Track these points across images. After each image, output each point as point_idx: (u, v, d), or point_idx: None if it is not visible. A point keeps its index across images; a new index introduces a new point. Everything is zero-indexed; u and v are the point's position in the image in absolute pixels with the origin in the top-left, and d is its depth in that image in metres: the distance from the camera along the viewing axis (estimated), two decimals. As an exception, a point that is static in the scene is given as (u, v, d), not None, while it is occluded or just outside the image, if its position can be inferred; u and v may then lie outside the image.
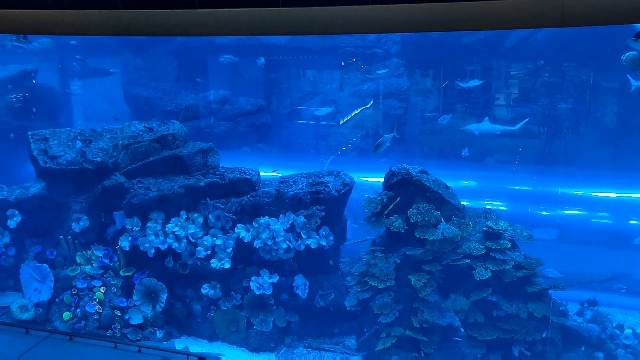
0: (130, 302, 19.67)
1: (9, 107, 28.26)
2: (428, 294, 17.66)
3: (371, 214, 18.77)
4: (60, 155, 20.63)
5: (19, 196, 20.79)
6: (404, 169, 18.70)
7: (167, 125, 21.78)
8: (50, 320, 19.78)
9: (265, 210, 19.81)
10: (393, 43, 28.81)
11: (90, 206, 20.69)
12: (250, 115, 30.04)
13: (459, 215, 18.53)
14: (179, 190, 19.97)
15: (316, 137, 30.62)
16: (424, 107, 30.48)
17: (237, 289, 19.67)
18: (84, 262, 20.24)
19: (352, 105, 29.53)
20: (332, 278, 19.89)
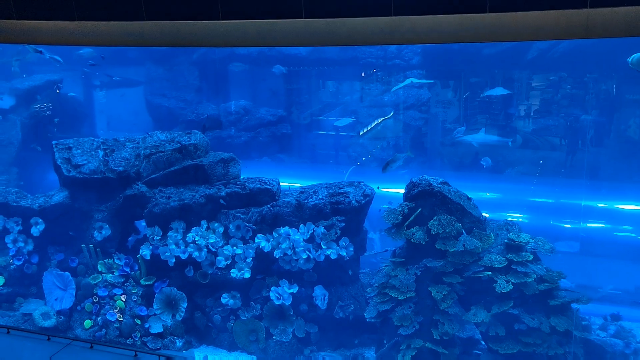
0: (150, 311, 19.74)
1: (33, 116, 28.67)
2: (449, 306, 17.53)
3: (392, 225, 18.73)
4: (83, 164, 20.85)
5: (42, 204, 21.05)
6: (425, 180, 18.65)
7: (188, 135, 21.93)
8: (71, 327, 19.92)
9: (285, 220, 19.82)
10: (414, 54, 28.84)
11: (112, 215, 20.86)
12: (271, 126, 30.18)
13: (480, 227, 18.41)
14: (200, 200, 20.06)
15: (336, 147, 30.66)
16: (444, 118, 30.41)
17: (257, 299, 19.67)
18: (105, 270, 20.38)
19: (372, 116, 29.55)
20: (352, 289, 19.82)
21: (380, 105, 29.23)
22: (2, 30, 13.36)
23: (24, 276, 21.11)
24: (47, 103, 28.96)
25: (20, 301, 20.84)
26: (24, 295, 21.05)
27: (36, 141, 27.48)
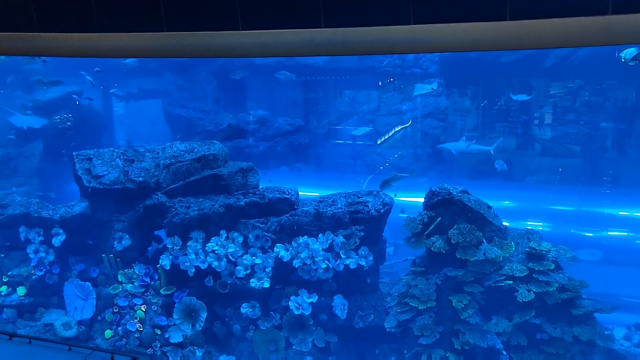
0: (170, 321, 19.78)
1: (53, 127, 28.97)
2: (469, 316, 17.42)
3: (411, 234, 18.67)
4: (103, 174, 21.01)
5: (63, 215, 21.22)
6: (445, 188, 18.58)
7: (207, 145, 22.04)
8: (92, 337, 20.00)
9: (304, 229, 19.81)
10: (432, 62, 28.81)
11: (132, 225, 20.97)
12: (289, 135, 30.24)
13: (500, 235, 18.29)
14: (219, 210, 20.12)
15: (354, 156, 30.65)
16: (462, 127, 30.31)
17: (276, 309, 19.65)
18: (125, 280, 20.47)
19: (389, 124, 29.52)
20: (372, 298, 19.74)
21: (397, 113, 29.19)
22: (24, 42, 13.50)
23: (45, 286, 21.24)
24: (68, 114, 29.26)
25: (42, 311, 20.96)
26: (45, 306, 21.16)
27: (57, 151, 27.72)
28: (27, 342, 14.68)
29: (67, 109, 29.53)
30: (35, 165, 27.73)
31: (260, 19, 12.17)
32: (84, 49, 13.35)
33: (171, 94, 31.39)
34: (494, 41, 11.09)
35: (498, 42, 11.21)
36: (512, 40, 10.91)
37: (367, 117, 30.87)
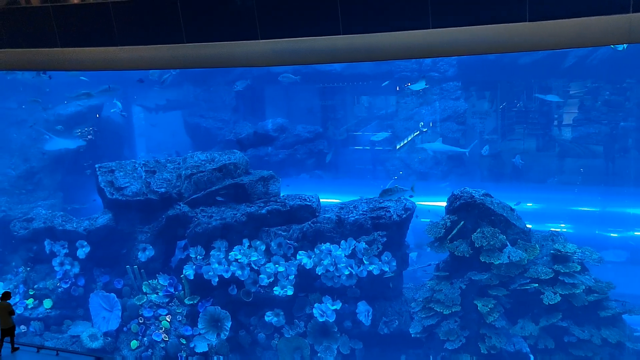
0: (195, 330, 19.85)
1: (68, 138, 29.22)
2: (495, 320, 17.29)
3: (434, 239, 18.60)
4: (126, 186, 21.18)
5: (87, 227, 21.41)
6: (467, 192, 18.49)
7: (228, 155, 22.14)
8: (118, 348, 20.12)
9: (326, 236, 19.81)
10: (449, 66, 28.71)
11: (155, 236, 21.10)
12: (308, 143, 30.26)
13: (524, 238, 18.15)
14: (241, 219, 20.18)
15: (374, 162, 30.60)
16: (482, 129, 30.14)
17: (300, 316, 19.64)
18: (150, 291, 20.58)
19: (408, 129, 29.44)
20: (396, 304, 19.66)
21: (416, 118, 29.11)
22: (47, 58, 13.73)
23: (71, 298, 21.43)
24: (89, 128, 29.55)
25: (68, 323, 21.15)
26: (72, 317, 21.35)
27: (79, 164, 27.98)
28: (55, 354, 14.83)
29: (90, 122, 29.82)
30: (59, 178, 28.02)
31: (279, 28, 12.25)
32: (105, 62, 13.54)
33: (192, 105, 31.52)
34: (513, 43, 11.06)
35: (518, 44, 11.18)
36: (532, 41, 10.87)
37: (385, 122, 30.80)
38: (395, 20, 11.59)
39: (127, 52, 12.89)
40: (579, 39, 10.82)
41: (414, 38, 11.54)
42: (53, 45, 13.38)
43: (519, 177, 27.57)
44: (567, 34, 10.56)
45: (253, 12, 12.16)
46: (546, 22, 10.53)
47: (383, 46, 11.78)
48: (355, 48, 12.03)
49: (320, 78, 30.14)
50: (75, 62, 13.66)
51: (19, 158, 28.33)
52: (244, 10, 12.24)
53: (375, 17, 11.72)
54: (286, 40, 12.25)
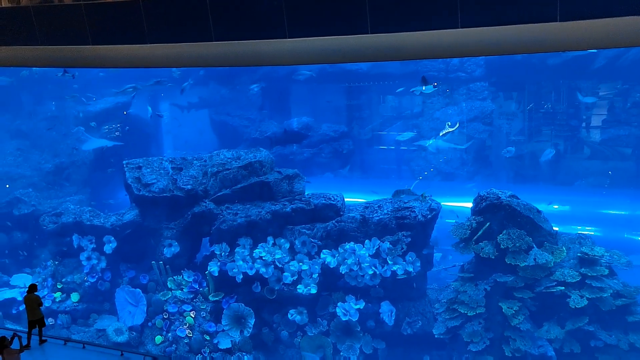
0: (219, 327, 19.96)
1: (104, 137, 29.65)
2: (520, 322, 17.15)
3: (459, 240, 18.50)
4: (152, 182, 21.40)
5: (114, 223, 21.67)
6: (493, 193, 18.37)
7: (254, 153, 22.25)
8: (143, 343, 20.33)
9: (350, 235, 19.81)
10: (477, 66, 28.50)
11: (181, 232, 21.29)
12: (333, 142, 30.27)
13: (551, 240, 17.97)
14: (266, 216, 20.27)
15: (398, 161, 30.49)
16: (508, 130, 29.87)
17: (324, 315, 19.67)
18: (174, 287, 20.76)
19: (434, 129, 29.28)
20: (420, 305, 19.59)
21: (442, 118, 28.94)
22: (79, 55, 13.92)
23: (98, 293, 21.71)
24: (117, 124, 29.90)
25: (95, 317, 21.41)
26: (98, 312, 21.61)
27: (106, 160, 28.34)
28: (81, 347, 15.04)
29: (117, 119, 30.18)
30: (87, 174, 28.40)
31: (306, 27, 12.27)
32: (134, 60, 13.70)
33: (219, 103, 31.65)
34: (543, 43, 10.96)
35: (548, 44, 11.07)
36: (562, 41, 10.76)
37: (411, 122, 30.67)
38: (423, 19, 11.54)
39: (157, 50, 13.02)
40: (611, 40, 10.69)
41: (442, 37, 11.48)
42: (85, 43, 13.56)
43: (546, 178, 27.29)
44: (599, 34, 10.42)
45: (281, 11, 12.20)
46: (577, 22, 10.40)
47: (411, 45, 11.75)
48: (383, 47, 12.01)
49: (346, 77, 30.12)
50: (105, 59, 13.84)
51: (49, 153, 28.79)
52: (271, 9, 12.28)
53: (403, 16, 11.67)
54: (313, 39, 12.26)
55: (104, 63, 14.05)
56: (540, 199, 20.98)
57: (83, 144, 28.45)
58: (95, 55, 13.82)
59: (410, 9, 11.52)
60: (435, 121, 29.35)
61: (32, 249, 24.86)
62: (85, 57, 13.87)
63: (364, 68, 29.87)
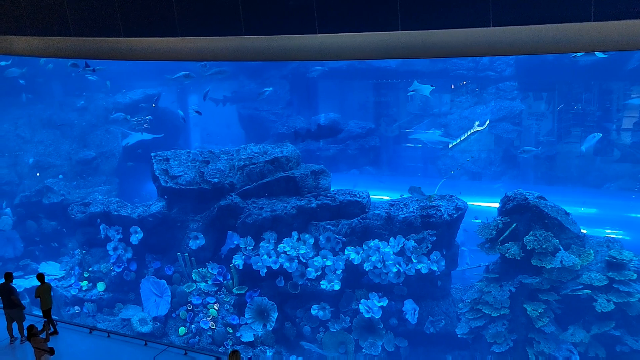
0: (242, 320, 20.09)
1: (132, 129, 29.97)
2: (545, 325, 16.98)
3: (485, 240, 18.37)
4: (180, 175, 21.58)
5: (141, 214, 21.89)
6: (521, 194, 18.19)
7: (280, 147, 22.31)
8: (166, 334, 20.55)
9: (375, 233, 19.78)
10: (507, 65, 28.20)
11: (207, 225, 21.43)
12: (360, 138, 30.19)
13: (579, 243, 17.75)
14: (291, 211, 20.32)
15: (425, 160, 30.32)
16: (537, 131, 29.53)
17: (346, 311, 19.68)
18: (199, 279, 20.94)
19: (462, 128, 29.05)
20: (443, 304, 19.50)
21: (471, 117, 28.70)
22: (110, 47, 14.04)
23: (123, 283, 21.98)
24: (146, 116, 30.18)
25: (120, 307, 21.70)
26: (123, 301, 21.90)
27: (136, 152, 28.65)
28: (106, 336, 15.25)
29: (146, 110, 30.46)
30: (115, 165, 28.74)
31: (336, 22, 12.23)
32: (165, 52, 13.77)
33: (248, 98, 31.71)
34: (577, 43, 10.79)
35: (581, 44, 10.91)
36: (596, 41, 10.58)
37: (438, 120, 30.46)
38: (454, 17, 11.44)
39: (188, 43, 13.07)
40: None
41: (474, 36, 11.36)
42: (116, 35, 13.68)
43: (575, 180, 26.94)
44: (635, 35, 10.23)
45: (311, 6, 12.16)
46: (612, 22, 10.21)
47: (441, 43, 11.64)
48: (413, 44, 11.92)
49: (375, 74, 30.02)
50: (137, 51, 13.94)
51: (79, 144, 29.19)
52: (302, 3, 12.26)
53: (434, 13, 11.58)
54: (343, 34, 12.22)
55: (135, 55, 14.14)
56: (567, 200, 20.71)
57: (123, 139, 28.80)
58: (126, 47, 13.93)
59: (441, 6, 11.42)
60: (463, 120, 29.10)
61: (61, 238, 25.27)
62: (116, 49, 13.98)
63: (392, 65, 29.72)
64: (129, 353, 14.74)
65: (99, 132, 29.50)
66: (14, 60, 29.35)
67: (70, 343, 14.37)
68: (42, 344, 12.05)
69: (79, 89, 30.94)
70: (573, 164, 27.55)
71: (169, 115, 31.38)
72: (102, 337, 15.17)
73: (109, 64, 27.00)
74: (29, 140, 29.41)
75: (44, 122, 29.93)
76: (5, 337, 13.89)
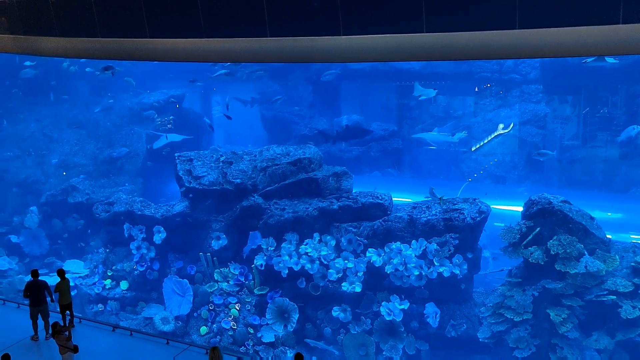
0: (263, 320, 20.14)
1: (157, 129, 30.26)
2: (568, 330, 16.80)
3: (508, 244, 18.23)
4: (203, 175, 21.72)
5: (164, 213, 22.06)
6: (545, 198, 18.03)
7: (303, 149, 22.35)
8: (188, 333, 20.66)
9: (397, 235, 19.73)
10: (532, 68, 27.96)
11: (229, 225, 21.54)
12: (382, 140, 30.12)
13: (604, 248, 17.55)
14: (313, 213, 20.35)
15: (448, 163, 30.16)
16: (562, 135, 29.24)
17: (367, 314, 19.65)
18: (221, 279, 21.03)
19: (486, 131, 28.87)
20: (465, 308, 19.39)
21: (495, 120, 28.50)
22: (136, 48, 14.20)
23: (146, 282, 22.15)
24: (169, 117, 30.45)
25: (142, 305, 21.86)
26: (146, 300, 22.05)
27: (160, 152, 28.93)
28: (129, 334, 15.40)
29: (170, 111, 30.73)
30: (139, 165, 29.01)
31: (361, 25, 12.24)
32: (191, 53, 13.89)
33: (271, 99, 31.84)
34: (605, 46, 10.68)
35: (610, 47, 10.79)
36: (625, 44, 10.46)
37: (462, 123, 30.30)
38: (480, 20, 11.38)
39: (213, 44, 13.17)
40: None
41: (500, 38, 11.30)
42: (142, 36, 13.83)
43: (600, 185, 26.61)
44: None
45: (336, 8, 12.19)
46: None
47: (466, 46, 11.59)
48: (438, 47, 11.88)
49: (398, 76, 29.93)
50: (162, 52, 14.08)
51: (104, 143, 29.54)
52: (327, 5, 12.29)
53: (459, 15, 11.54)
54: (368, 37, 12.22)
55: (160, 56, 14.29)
56: (592, 205, 20.49)
57: (155, 142, 29.07)
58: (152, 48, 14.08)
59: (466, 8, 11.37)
60: (487, 123, 28.91)
61: (85, 236, 25.56)
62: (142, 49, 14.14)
63: (416, 67, 29.63)
64: (151, 351, 14.82)
65: (124, 132, 29.81)
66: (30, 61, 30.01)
67: (93, 341, 14.48)
68: (65, 341, 12.18)
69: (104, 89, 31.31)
70: (598, 168, 27.25)
71: (193, 116, 31.60)
72: (124, 335, 15.28)
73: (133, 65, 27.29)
74: (56, 139, 29.83)
75: (70, 121, 30.35)
76: (29, 333, 14.05)
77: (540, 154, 25.34)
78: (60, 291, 13.84)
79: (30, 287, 13.73)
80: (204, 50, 13.52)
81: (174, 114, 30.59)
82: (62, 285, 13.86)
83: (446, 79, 29.80)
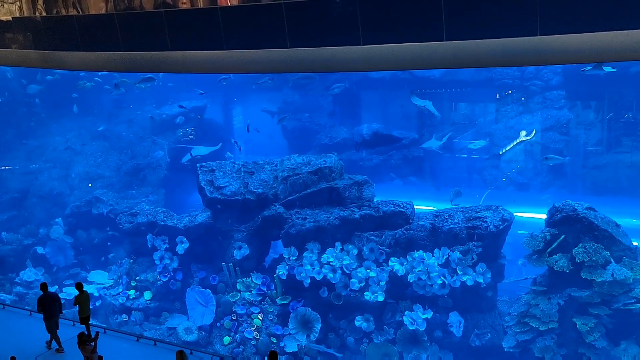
0: (285, 330, 20.13)
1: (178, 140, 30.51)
2: (595, 340, 16.54)
3: (532, 252, 18.05)
4: (225, 186, 21.83)
5: (187, 224, 22.21)
6: (569, 205, 17.83)
7: (323, 158, 22.37)
8: (211, 343, 20.71)
9: (419, 244, 19.62)
10: (554, 74, 27.69)
11: (251, 235, 21.60)
12: (403, 148, 30.00)
13: (631, 256, 17.28)
14: (334, 222, 20.33)
15: (470, 170, 29.95)
16: (586, 141, 28.89)
17: (390, 323, 19.54)
18: (243, 289, 21.08)
19: (508, 138, 28.63)
20: (489, 317, 19.20)
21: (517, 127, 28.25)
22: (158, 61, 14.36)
23: (169, 292, 22.27)
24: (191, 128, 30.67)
25: (166, 315, 21.97)
26: (169, 310, 22.17)
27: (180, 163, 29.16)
28: (153, 344, 15.49)
29: (192, 122, 30.96)
30: (162, 176, 29.23)
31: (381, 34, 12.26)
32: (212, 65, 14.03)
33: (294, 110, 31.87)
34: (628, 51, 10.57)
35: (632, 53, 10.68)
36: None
37: (483, 130, 30.08)
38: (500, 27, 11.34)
39: (234, 56, 13.29)
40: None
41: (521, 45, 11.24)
42: (164, 49, 14.00)
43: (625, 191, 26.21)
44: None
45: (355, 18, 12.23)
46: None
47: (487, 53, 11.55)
48: (458, 54, 11.86)
49: (418, 84, 29.82)
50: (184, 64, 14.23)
51: (126, 155, 29.84)
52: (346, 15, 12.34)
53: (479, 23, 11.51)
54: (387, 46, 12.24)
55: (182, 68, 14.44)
56: (618, 212, 20.19)
57: (184, 156, 29.34)
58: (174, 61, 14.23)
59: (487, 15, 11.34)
60: (509, 130, 28.66)
61: (108, 248, 25.79)
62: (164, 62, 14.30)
63: (436, 74, 29.53)
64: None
65: (146, 143, 30.07)
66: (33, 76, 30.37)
67: (118, 351, 14.60)
68: (91, 353, 12.28)
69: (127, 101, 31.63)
70: (624, 174, 26.84)
71: (214, 127, 31.78)
72: (148, 345, 15.40)
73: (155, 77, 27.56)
74: (80, 152, 30.18)
75: (93, 134, 30.72)
76: (53, 345, 14.20)
77: (548, 159, 25.00)
78: (79, 304, 13.97)
79: (43, 301, 13.82)
80: (225, 62, 13.64)
81: (195, 124, 30.82)
82: (81, 298, 13.98)
83: (467, 86, 29.64)
